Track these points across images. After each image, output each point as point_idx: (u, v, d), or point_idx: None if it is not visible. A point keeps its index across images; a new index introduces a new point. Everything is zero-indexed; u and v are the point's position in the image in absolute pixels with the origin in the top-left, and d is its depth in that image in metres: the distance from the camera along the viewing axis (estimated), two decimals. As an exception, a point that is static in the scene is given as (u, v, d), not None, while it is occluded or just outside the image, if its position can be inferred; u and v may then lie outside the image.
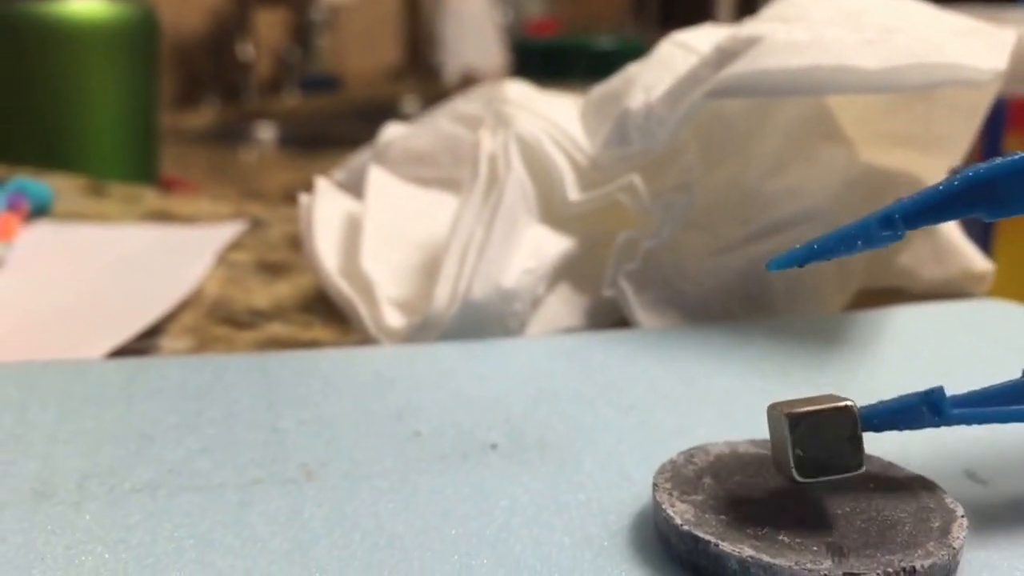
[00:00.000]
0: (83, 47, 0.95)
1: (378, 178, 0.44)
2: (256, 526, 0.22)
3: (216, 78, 2.58)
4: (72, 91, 0.95)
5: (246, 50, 2.62)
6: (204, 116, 2.43)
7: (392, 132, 0.53)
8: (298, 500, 0.23)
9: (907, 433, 0.27)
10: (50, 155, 0.91)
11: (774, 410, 0.21)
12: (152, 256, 0.51)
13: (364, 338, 0.37)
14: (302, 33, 2.78)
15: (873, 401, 0.23)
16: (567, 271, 0.38)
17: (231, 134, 2.29)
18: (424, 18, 3.01)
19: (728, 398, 0.29)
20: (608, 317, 0.38)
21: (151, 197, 0.69)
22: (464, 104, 0.52)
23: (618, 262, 0.36)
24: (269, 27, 2.72)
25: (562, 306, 0.38)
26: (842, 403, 0.21)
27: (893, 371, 0.32)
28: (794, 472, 0.21)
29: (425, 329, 0.35)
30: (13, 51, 0.94)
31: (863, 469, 0.21)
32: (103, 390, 0.29)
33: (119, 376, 0.30)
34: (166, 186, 0.95)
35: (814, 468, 0.21)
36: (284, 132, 2.38)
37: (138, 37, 1.02)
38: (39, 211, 0.59)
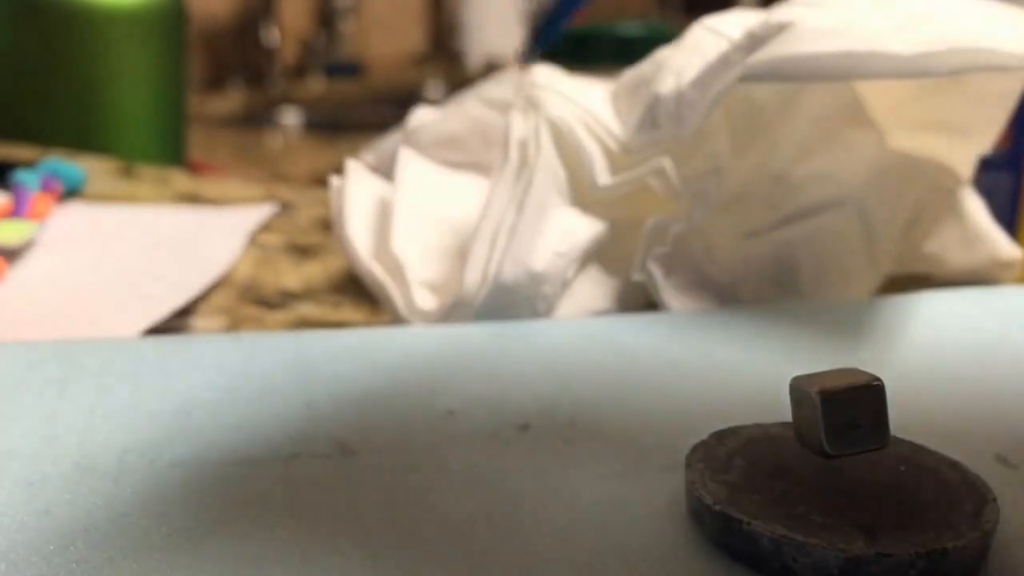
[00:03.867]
0: (113, 31, 0.96)
1: (409, 160, 0.44)
2: (292, 501, 0.23)
3: (242, 63, 2.59)
4: (102, 74, 0.95)
5: (271, 36, 2.62)
6: (230, 101, 2.43)
7: (421, 116, 0.53)
8: (333, 476, 0.24)
9: (938, 417, 0.27)
10: (81, 137, 0.92)
11: (799, 384, 0.22)
12: (184, 237, 0.51)
13: (394, 319, 0.37)
14: (326, 19, 2.78)
15: (902, 385, 0.23)
16: (596, 255, 0.38)
17: (256, 119, 2.29)
18: (448, 4, 3.00)
19: (758, 380, 0.30)
20: (637, 301, 0.38)
21: (181, 179, 0.69)
22: (494, 88, 0.52)
23: (648, 246, 0.37)
24: (294, 13, 2.72)
25: (592, 289, 0.38)
26: (869, 380, 0.21)
27: (923, 356, 0.32)
28: (825, 447, 0.21)
29: (455, 311, 0.35)
30: (44, 35, 0.94)
31: (888, 444, 0.21)
32: (140, 367, 0.29)
33: (155, 354, 0.30)
34: (194, 170, 0.95)
35: (842, 443, 0.21)
36: (309, 117, 2.38)
37: (167, 21, 1.02)
38: (71, 192, 0.59)
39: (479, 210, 0.37)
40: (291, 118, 2.37)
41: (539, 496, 0.23)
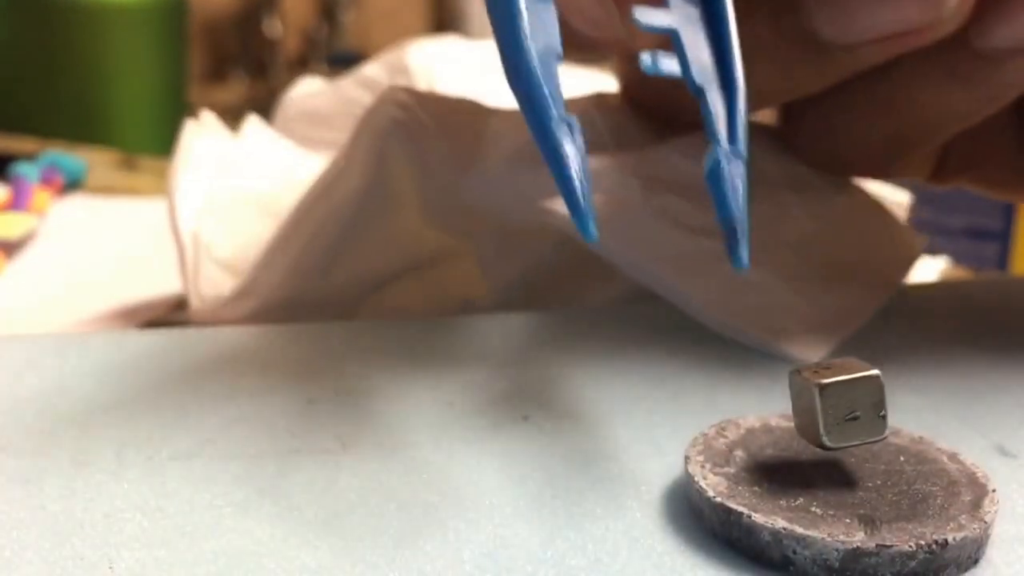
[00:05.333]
0: (114, 22, 0.96)
1: (253, 131, 0.43)
2: (293, 495, 0.23)
3: (244, 54, 2.59)
4: (103, 66, 0.95)
5: (273, 26, 2.62)
6: (232, 91, 2.44)
7: (303, 87, 0.53)
8: (334, 470, 0.24)
9: (938, 407, 0.27)
10: (82, 129, 0.92)
11: (798, 376, 0.21)
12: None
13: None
14: (328, 10, 2.78)
15: (902, 376, 0.23)
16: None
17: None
18: (450, -6, 3.00)
19: (760, 372, 0.30)
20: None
21: (182, 172, 0.69)
22: (370, 68, 0.51)
23: None
24: (295, 4, 2.72)
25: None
26: (868, 372, 0.21)
27: (923, 346, 0.32)
28: (824, 439, 0.21)
29: (235, 304, 0.35)
30: (45, 26, 0.94)
31: (886, 435, 0.21)
32: (138, 361, 0.29)
33: (154, 347, 0.30)
34: (195, 161, 0.95)
35: (841, 434, 0.21)
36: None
37: (168, 13, 1.02)
38: (72, 184, 0.59)
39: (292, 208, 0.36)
40: (293, 109, 2.37)
41: (539, 488, 0.23)
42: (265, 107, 0.51)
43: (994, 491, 0.21)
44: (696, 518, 0.22)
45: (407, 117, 0.33)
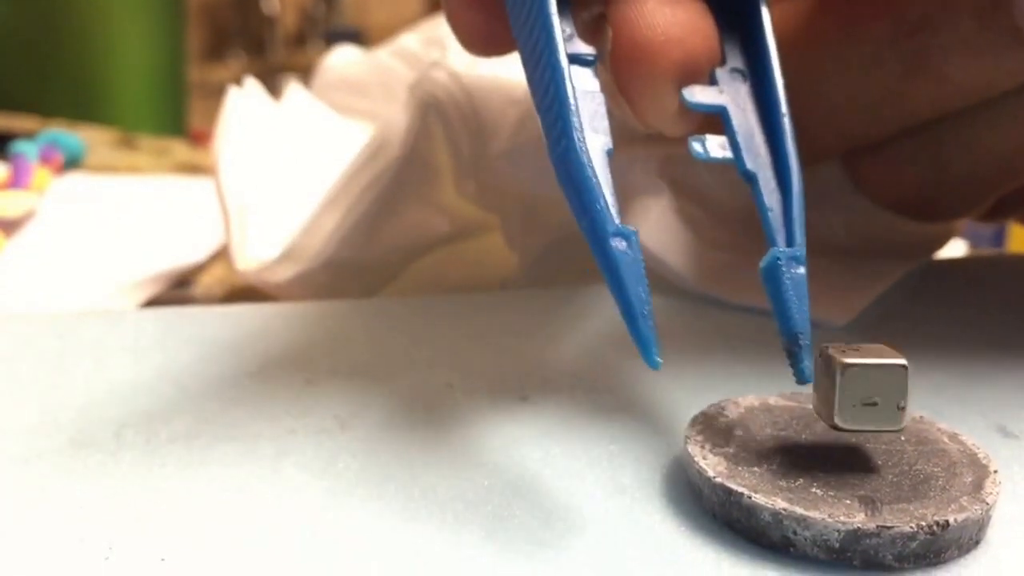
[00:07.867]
0: (113, 1, 0.95)
1: (295, 98, 0.43)
2: (291, 476, 0.22)
3: (242, 32, 2.58)
4: (102, 44, 0.95)
5: (271, 4, 2.61)
6: (230, 69, 2.43)
7: (339, 56, 0.53)
8: (332, 450, 0.24)
9: (938, 387, 0.27)
10: (81, 107, 0.91)
11: (826, 352, 0.21)
12: (184, 208, 0.51)
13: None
14: (327, -14, 2.77)
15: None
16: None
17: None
18: (449, -30, 2.99)
19: (761, 352, 0.29)
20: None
21: (181, 149, 0.69)
22: (407, 39, 0.51)
23: None
24: (294, -20, 2.71)
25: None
26: (896, 360, 0.21)
27: (923, 326, 0.32)
28: (837, 419, 0.21)
29: (279, 267, 0.35)
30: (44, 5, 0.94)
31: (901, 428, 0.21)
32: (138, 340, 0.29)
33: (153, 326, 0.30)
34: (195, 139, 0.95)
35: (855, 418, 0.21)
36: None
37: (165, -9, 1.02)
38: (71, 163, 0.59)
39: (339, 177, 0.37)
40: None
41: (538, 469, 0.23)
42: (264, 85, 0.50)
43: (996, 472, 0.21)
44: (695, 498, 0.22)
45: (444, 93, 0.34)
